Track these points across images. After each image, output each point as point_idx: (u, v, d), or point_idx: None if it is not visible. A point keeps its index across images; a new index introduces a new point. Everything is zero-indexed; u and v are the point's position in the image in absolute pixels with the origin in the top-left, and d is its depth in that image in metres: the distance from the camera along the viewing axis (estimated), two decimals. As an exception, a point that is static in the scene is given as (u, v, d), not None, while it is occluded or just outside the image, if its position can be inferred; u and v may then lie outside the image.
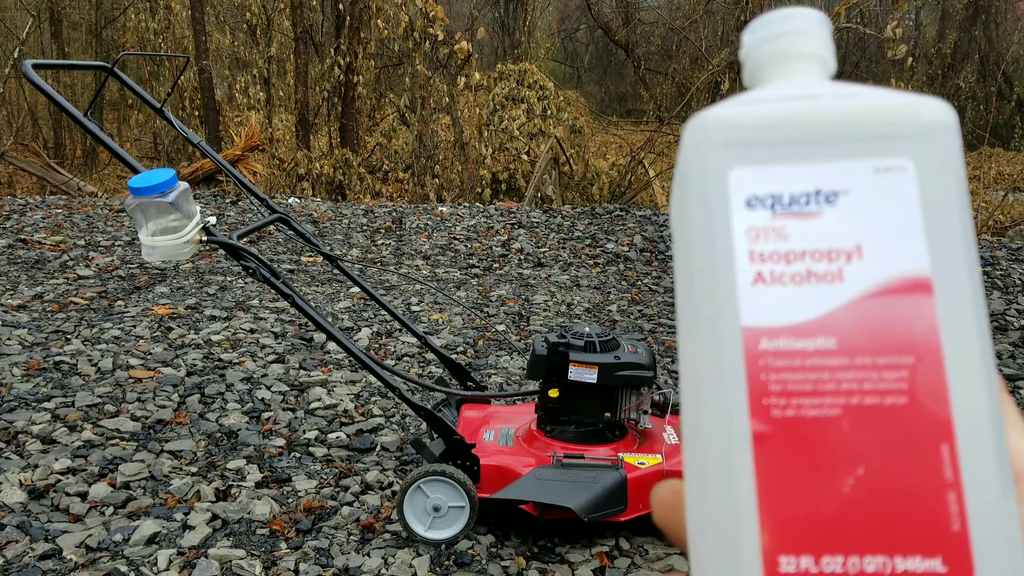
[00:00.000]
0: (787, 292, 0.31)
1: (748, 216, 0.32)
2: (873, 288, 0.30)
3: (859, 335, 0.30)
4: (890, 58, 7.98)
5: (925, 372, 0.29)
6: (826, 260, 0.31)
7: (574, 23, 22.85)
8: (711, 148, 0.33)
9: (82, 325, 3.72)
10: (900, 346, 0.30)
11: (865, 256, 0.31)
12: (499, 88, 10.11)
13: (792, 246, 0.31)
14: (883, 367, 0.30)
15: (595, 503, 2.02)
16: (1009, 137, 15.52)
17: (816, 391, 0.30)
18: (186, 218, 1.94)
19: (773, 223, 0.32)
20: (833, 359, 0.30)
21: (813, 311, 0.31)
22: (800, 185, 0.32)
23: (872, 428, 0.29)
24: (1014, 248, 5.73)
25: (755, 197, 0.32)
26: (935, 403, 0.29)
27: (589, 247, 5.68)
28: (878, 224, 0.31)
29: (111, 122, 14.15)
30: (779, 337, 0.31)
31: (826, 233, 0.31)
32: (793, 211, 0.32)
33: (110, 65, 2.19)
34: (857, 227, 0.31)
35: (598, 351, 2.18)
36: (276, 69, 12.25)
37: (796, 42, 0.35)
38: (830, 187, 0.32)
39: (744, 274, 0.32)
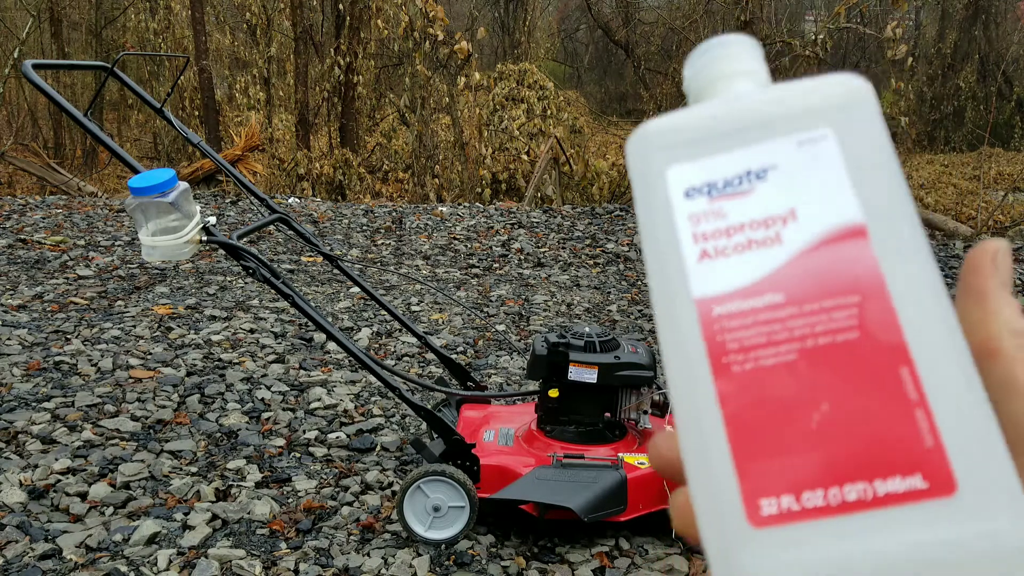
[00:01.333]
0: (731, 262, 0.34)
1: (688, 204, 0.36)
2: (811, 242, 0.33)
3: (804, 285, 0.32)
4: (890, 58, 7.98)
5: (872, 305, 0.31)
6: (763, 228, 0.34)
7: (574, 23, 22.85)
8: (649, 152, 0.37)
9: (82, 325, 3.72)
10: (845, 287, 0.32)
11: (799, 217, 0.33)
12: (499, 88, 10.11)
13: (731, 222, 0.34)
14: (831, 308, 0.31)
15: (595, 503, 2.02)
16: (1009, 137, 15.52)
17: (770, 342, 0.32)
18: (186, 218, 1.94)
19: (711, 206, 0.35)
20: (783, 311, 0.32)
21: (758, 273, 0.33)
22: (731, 169, 0.35)
23: (829, 365, 0.31)
24: (1014, 248, 5.73)
25: (692, 188, 0.36)
26: (887, 332, 0.30)
27: (589, 247, 5.68)
28: (807, 187, 0.34)
29: (111, 122, 14.15)
30: (730, 301, 0.33)
31: (760, 205, 0.34)
32: (728, 193, 0.35)
33: (110, 65, 2.19)
34: (788, 194, 0.34)
35: (598, 351, 2.18)
36: (276, 69, 12.25)
37: (723, 64, 0.38)
38: (759, 165, 0.35)
39: (690, 253, 0.35)
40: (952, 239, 6.41)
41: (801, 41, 9.37)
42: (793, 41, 9.08)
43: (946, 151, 15.46)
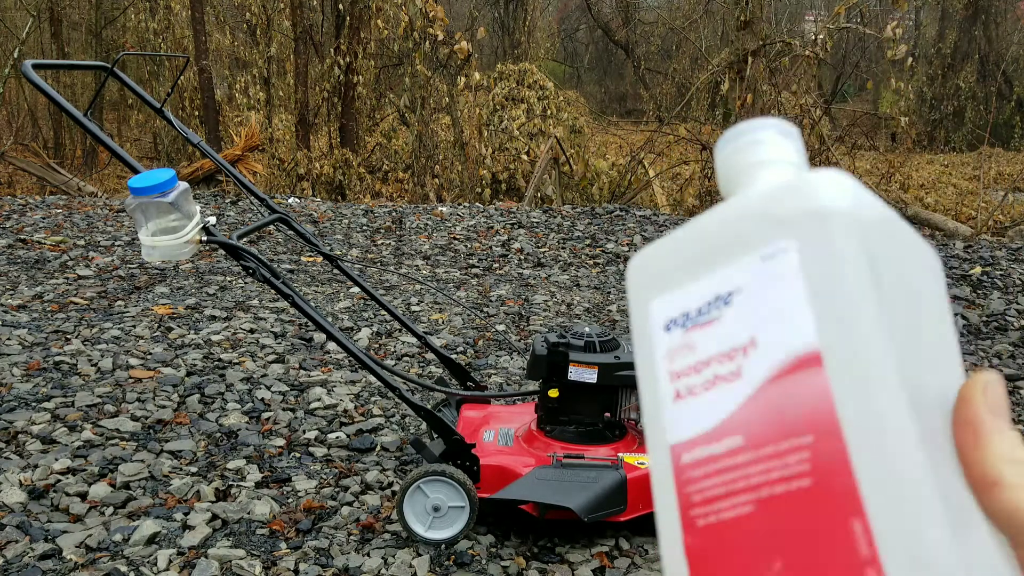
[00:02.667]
0: (698, 402, 0.32)
1: (666, 339, 0.34)
2: (769, 375, 0.30)
3: (761, 426, 0.30)
4: (890, 58, 7.98)
5: (824, 446, 0.28)
6: (728, 360, 0.31)
7: (574, 23, 22.85)
8: (637, 287, 0.36)
9: (82, 325, 3.72)
10: (798, 426, 0.29)
11: (759, 346, 0.31)
12: (499, 88, 10.11)
13: (699, 356, 0.32)
14: (785, 452, 0.29)
15: (595, 503, 2.02)
16: (1009, 137, 15.52)
17: (729, 492, 0.30)
18: (186, 218, 1.94)
19: (685, 339, 0.33)
20: (741, 456, 0.30)
21: (720, 414, 0.31)
22: (702, 297, 0.33)
23: (783, 517, 0.28)
24: (1014, 248, 5.73)
25: (671, 320, 0.34)
26: (839, 478, 0.28)
27: (589, 247, 5.68)
28: (767, 311, 0.31)
29: (111, 122, 14.15)
30: (695, 447, 0.31)
31: (724, 334, 0.32)
32: (700, 322, 0.33)
33: (110, 65, 2.19)
34: (749, 320, 0.31)
35: (598, 351, 2.18)
36: (276, 69, 12.25)
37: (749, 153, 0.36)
38: (726, 289, 0.32)
39: (667, 394, 0.33)
40: (952, 239, 6.41)
41: (801, 41, 9.37)
42: (793, 41, 9.08)
43: (946, 151, 15.46)
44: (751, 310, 0.31)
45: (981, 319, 4.15)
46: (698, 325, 0.33)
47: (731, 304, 0.32)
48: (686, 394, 0.32)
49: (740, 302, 0.31)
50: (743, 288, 0.31)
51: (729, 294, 0.32)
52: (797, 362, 0.29)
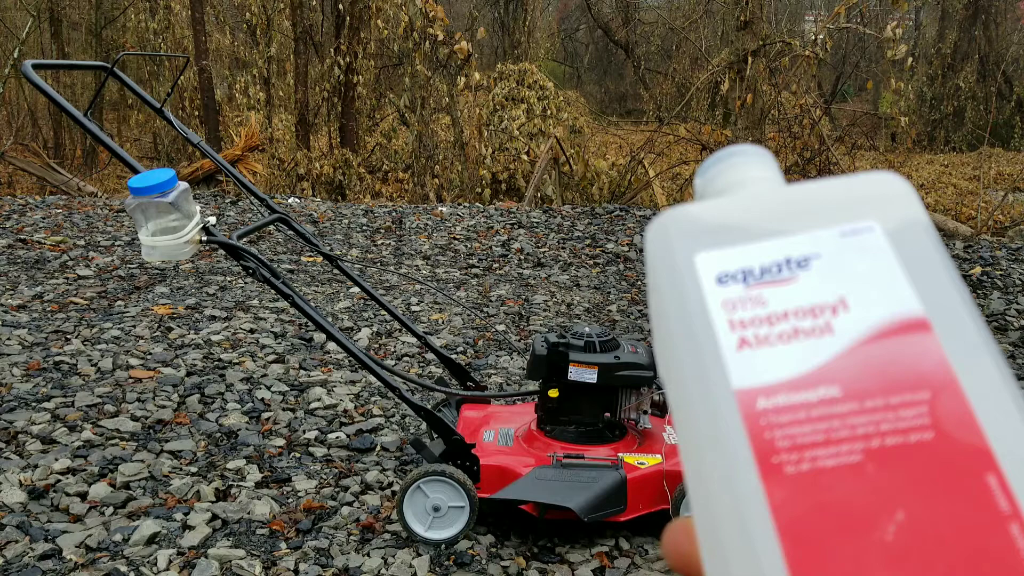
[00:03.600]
0: (776, 351, 0.31)
1: (721, 291, 0.33)
2: (868, 334, 0.30)
3: (864, 379, 0.29)
4: (890, 58, 7.98)
5: (947, 404, 0.28)
6: (811, 316, 0.31)
7: (574, 23, 22.85)
8: (673, 239, 0.34)
9: (82, 325, 3.72)
10: (912, 383, 0.29)
11: (851, 307, 0.31)
12: (499, 88, 10.11)
13: (773, 309, 0.32)
14: (898, 406, 0.28)
15: (595, 503, 2.02)
16: (1009, 137, 15.52)
17: (829, 440, 0.28)
18: (186, 218, 1.94)
19: (749, 293, 0.32)
20: (841, 406, 0.29)
21: (809, 364, 0.30)
22: (769, 257, 0.33)
23: (903, 468, 0.27)
24: (1014, 248, 5.73)
25: (725, 274, 0.33)
26: (967, 433, 0.27)
27: (589, 247, 5.68)
28: (858, 277, 0.31)
29: (111, 122, 14.15)
30: (777, 393, 0.30)
31: (806, 293, 0.31)
32: (766, 280, 0.32)
33: (110, 65, 2.19)
34: (837, 283, 0.31)
35: (598, 351, 2.18)
36: (276, 69, 12.25)
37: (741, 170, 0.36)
38: (800, 254, 0.32)
39: (728, 342, 0.32)
40: (952, 239, 6.41)
41: (801, 41, 9.37)
42: (793, 41, 9.08)
43: (946, 151, 15.46)
44: (837, 274, 0.32)
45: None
46: (765, 282, 0.32)
47: (808, 268, 0.32)
48: (757, 343, 0.31)
49: (821, 267, 0.32)
50: (823, 255, 0.32)
51: (805, 259, 0.32)
52: (902, 325, 0.30)
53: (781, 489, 0.28)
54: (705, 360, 0.31)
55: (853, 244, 0.32)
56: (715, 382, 0.31)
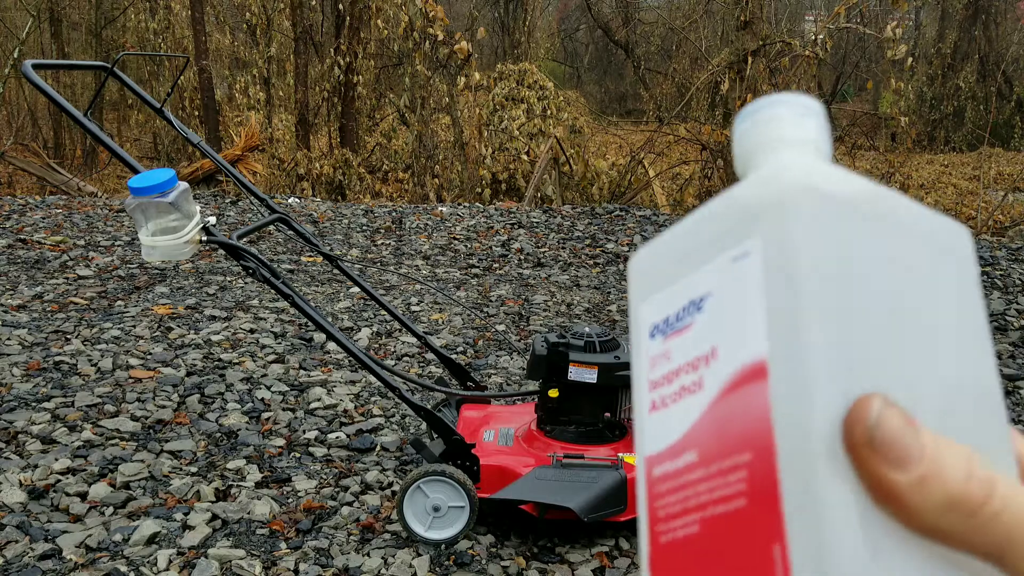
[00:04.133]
0: (668, 413, 0.31)
1: (650, 346, 0.33)
2: (723, 387, 0.29)
3: (712, 441, 0.29)
4: (890, 58, 7.98)
5: (759, 466, 0.27)
6: (692, 371, 0.30)
7: (574, 23, 22.85)
8: (632, 289, 0.35)
9: (82, 325, 3.72)
10: (740, 443, 0.28)
11: (719, 355, 0.29)
12: (499, 88, 10.11)
13: (672, 365, 0.31)
14: (728, 470, 0.28)
15: (595, 503, 2.02)
16: (1009, 137, 15.52)
17: (683, 510, 0.29)
18: (186, 218, 1.94)
19: (664, 347, 0.32)
20: (695, 472, 0.29)
21: (683, 427, 0.30)
22: (679, 302, 0.32)
23: (720, 539, 0.28)
24: (1014, 248, 5.73)
25: (654, 326, 0.33)
26: (766, 499, 0.26)
27: (589, 247, 5.68)
28: (729, 319, 0.29)
29: (111, 122, 14.15)
30: (662, 462, 0.31)
31: (693, 343, 0.31)
32: (675, 330, 0.32)
33: (110, 65, 2.19)
34: (713, 328, 0.30)
35: (598, 351, 2.18)
36: (276, 69, 12.25)
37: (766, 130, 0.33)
38: (699, 293, 0.31)
39: (646, 404, 0.32)
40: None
41: (801, 41, 9.38)
42: (793, 41, 9.08)
43: (946, 151, 15.47)
44: (716, 317, 0.30)
45: (981, 319, 4.15)
46: (675, 332, 0.32)
47: (702, 310, 0.30)
48: (660, 405, 0.32)
49: (709, 307, 0.30)
50: (713, 292, 0.30)
51: (702, 299, 0.31)
52: (746, 373, 0.28)
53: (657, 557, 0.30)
54: (637, 421, 0.33)
55: (735, 275, 0.29)
56: (639, 445, 0.32)
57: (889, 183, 10.10)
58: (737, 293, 0.29)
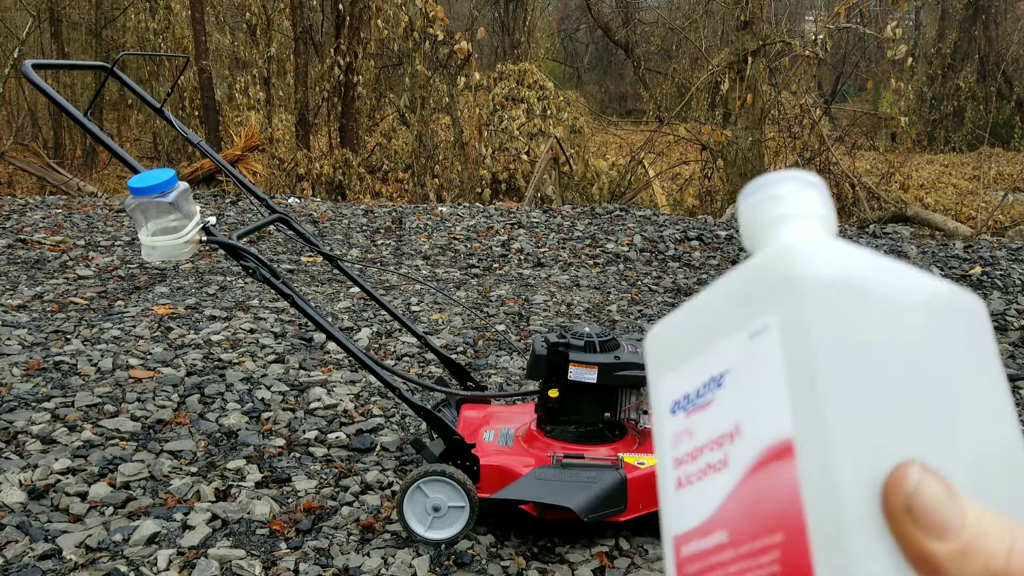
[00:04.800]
0: (694, 492, 0.31)
1: (672, 422, 0.33)
2: (749, 466, 0.29)
3: (741, 521, 0.29)
4: (890, 58, 7.98)
5: (791, 547, 0.27)
6: (717, 448, 0.31)
7: (574, 23, 22.85)
8: (651, 364, 0.35)
9: (82, 325, 3.72)
10: (771, 524, 0.28)
11: (743, 433, 0.29)
12: (499, 88, 10.11)
13: (696, 442, 0.32)
14: (760, 551, 0.28)
15: (595, 503, 2.02)
16: (1009, 137, 15.52)
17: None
18: (186, 218, 1.94)
19: (686, 423, 0.32)
20: (726, 552, 0.29)
21: (711, 506, 0.30)
22: (700, 377, 0.32)
23: None
24: (1014, 248, 5.73)
25: (675, 402, 0.33)
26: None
27: (589, 247, 5.68)
28: (750, 395, 0.30)
29: (111, 122, 14.15)
30: (691, 541, 0.31)
31: (716, 420, 0.31)
32: (696, 406, 0.32)
33: (110, 65, 2.19)
34: (736, 405, 0.30)
35: (598, 351, 2.18)
36: (276, 69, 12.25)
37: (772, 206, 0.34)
38: (719, 369, 0.31)
39: (671, 481, 0.33)
40: (952, 239, 6.41)
41: (801, 41, 9.38)
42: (793, 41, 9.08)
43: (946, 151, 15.47)
44: (738, 394, 0.30)
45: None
46: (696, 408, 0.32)
47: (723, 386, 0.31)
48: (685, 483, 0.32)
49: (730, 384, 0.30)
50: (732, 369, 0.30)
51: (721, 375, 0.31)
52: (772, 452, 0.28)
53: None
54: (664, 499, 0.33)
55: (754, 350, 0.30)
56: (665, 524, 0.33)
57: (889, 183, 10.10)
58: (756, 370, 0.29)
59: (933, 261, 5.26)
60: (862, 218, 7.83)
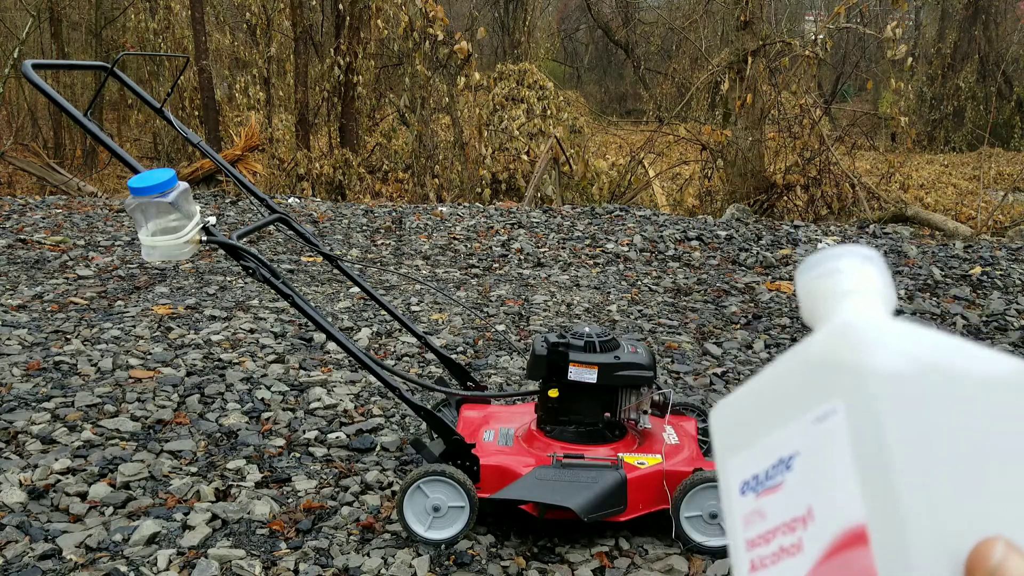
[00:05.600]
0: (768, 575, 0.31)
1: (742, 503, 0.33)
2: (823, 552, 0.29)
3: None
4: (890, 58, 7.98)
5: None
6: (790, 532, 0.31)
7: (574, 23, 22.85)
8: (718, 443, 0.36)
9: (82, 325, 3.72)
10: None
11: (816, 517, 0.30)
12: (499, 88, 10.11)
13: (768, 524, 0.32)
14: None
15: (595, 503, 2.02)
16: (1009, 137, 15.52)
17: None
18: (186, 218, 1.94)
19: (757, 504, 0.33)
20: None
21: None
22: (768, 459, 0.33)
23: None
24: (1014, 248, 5.73)
25: (744, 483, 0.34)
26: None
27: (589, 247, 5.68)
28: (821, 480, 0.30)
29: (111, 122, 14.15)
30: None
31: (787, 503, 0.31)
32: (768, 487, 0.32)
33: (110, 65, 2.19)
34: (807, 489, 0.31)
35: (598, 351, 2.18)
36: (276, 69, 12.26)
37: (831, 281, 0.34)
38: (788, 452, 0.32)
39: (744, 564, 0.33)
40: (952, 239, 6.41)
41: (801, 41, 9.37)
42: (793, 41, 9.08)
43: (946, 151, 15.47)
44: (808, 478, 0.31)
45: (981, 319, 4.15)
46: (767, 490, 0.32)
47: (792, 469, 0.31)
48: (759, 566, 0.32)
49: (799, 467, 0.31)
50: (801, 452, 0.31)
51: (791, 457, 0.31)
52: (846, 538, 0.28)
53: None
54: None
55: (821, 434, 0.30)
56: None
57: (889, 183, 10.10)
58: (825, 454, 0.30)
59: (933, 261, 5.26)
60: (862, 218, 7.83)
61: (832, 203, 8.49)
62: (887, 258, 5.43)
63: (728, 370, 3.41)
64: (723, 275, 5.02)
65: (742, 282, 4.84)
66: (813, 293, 0.34)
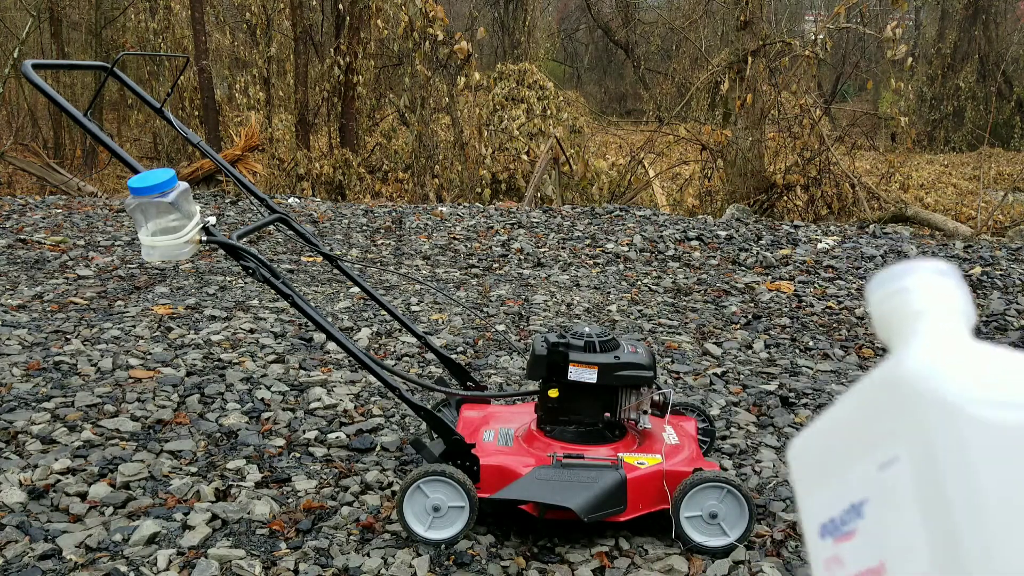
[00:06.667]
0: None
1: (822, 547, 0.33)
2: None
3: None
4: (890, 58, 7.98)
5: None
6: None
7: (574, 23, 22.85)
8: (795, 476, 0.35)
9: (82, 325, 3.72)
10: None
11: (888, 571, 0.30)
12: (499, 88, 10.11)
13: (847, 572, 0.32)
14: None
15: (595, 503, 2.02)
16: (1009, 137, 15.52)
17: None
18: (186, 218, 1.94)
19: (835, 551, 0.33)
20: None
21: None
22: (840, 504, 0.32)
23: None
24: (1014, 248, 5.73)
25: (823, 526, 0.34)
26: None
27: (589, 247, 5.67)
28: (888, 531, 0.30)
29: (111, 122, 14.15)
30: None
31: (861, 553, 0.31)
32: (843, 533, 0.32)
33: (110, 65, 2.19)
34: (878, 541, 0.31)
35: (598, 351, 2.18)
36: (276, 69, 12.26)
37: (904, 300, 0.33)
38: (857, 498, 0.32)
39: None
40: (952, 239, 6.41)
41: (801, 41, 9.37)
42: (793, 41, 9.08)
43: (946, 151, 15.46)
44: (877, 527, 0.31)
45: (981, 319, 4.15)
46: (842, 537, 0.32)
47: (863, 516, 0.31)
48: None
49: (869, 515, 0.31)
50: (870, 499, 0.31)
51: (860, 504, 0.31)
52: None
53: None
54: None
55: (886, 483, 0.30)
56: None
57: (889, 183, 10.10)
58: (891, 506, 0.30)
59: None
60: (862, 218, 7.83)
61: (832, 203, 8.50)
62: (887, 259, 5.43)
63: (728, 370, 3.41)
64: (723, 275, 5.02)
65: (742, 282, 4.84)
66: (884, 313, 0.33)
